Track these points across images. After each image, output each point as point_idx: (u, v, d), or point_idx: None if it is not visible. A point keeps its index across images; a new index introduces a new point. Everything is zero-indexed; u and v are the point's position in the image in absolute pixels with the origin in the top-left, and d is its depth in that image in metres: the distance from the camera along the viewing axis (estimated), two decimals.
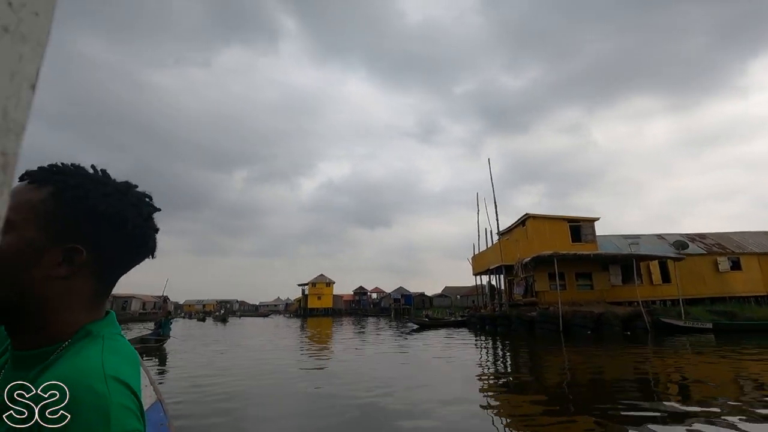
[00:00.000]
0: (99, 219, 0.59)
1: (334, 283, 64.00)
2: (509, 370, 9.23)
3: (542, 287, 19.42)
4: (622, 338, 14.48)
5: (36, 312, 0.55)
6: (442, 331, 20.34)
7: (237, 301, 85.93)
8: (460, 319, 26.90)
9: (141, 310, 57.88)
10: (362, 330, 23.82)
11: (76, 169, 0.61)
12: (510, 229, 24.79)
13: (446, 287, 74.06)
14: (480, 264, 26.59)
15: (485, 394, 6.69)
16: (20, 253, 0.53)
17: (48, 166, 0.60)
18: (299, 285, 64.67)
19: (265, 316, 65.71)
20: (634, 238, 22.02)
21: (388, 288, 71.80)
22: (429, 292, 69.69)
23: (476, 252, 27.72)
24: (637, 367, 8.84)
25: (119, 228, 0.61)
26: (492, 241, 24.96)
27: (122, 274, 0.65)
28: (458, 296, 68.96)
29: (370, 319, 42.89)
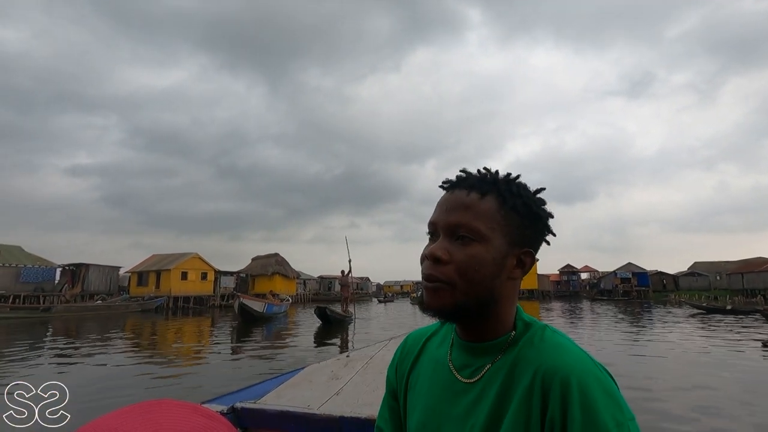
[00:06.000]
0: (538, 223, 0.65)
1: (538, 260, 53.61)
2: None
3: None
4: None
5: (496, 309, 0.62)
6: None
7: None
8: None
9: None
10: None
11: (497, 175, 0.66)
12: None
13: (696, 263, 54.45)
14: None
15: None
16: (494, 261, 0.60)
17: (475, 173, 0.66)
18: None
19: None
20: None
21: (599, 267, 58.44)
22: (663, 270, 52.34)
23: None
24: None
25: (547, 230, 0.67)
26: None
27: None
28: (718, 275, 49.45)
29: (594, 305, 31.90)
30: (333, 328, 14.51)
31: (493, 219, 0.61)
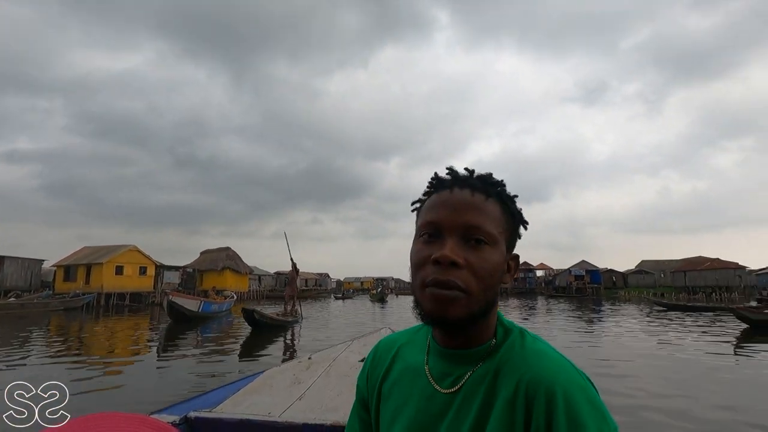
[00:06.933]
0: (519, 228, 0.65)
1: None
2: None
3: None
4: None
5: (488, 315, 0.60)
6: None
7: (392, 279, 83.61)
8: None
9: (303, 287, 59.74)
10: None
11: (493, 177, 0.64)
12: None
13: (643, 261, 57.05)
14: None
15: None
16: (502, 265, 0.60)
17: (481, 175, 0.63)
18: None
19: None
20: None
21: (554, 265, 60.05)
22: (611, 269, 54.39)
23: None
24: None
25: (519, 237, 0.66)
26: None
27: None
28: (662, 273, 51.97)
29: (552, 302, 31.96)
30: (268, 334, 11.94)
31: (499, 222, 0.60)
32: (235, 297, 22.32)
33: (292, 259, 13.97)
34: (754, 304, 21.62)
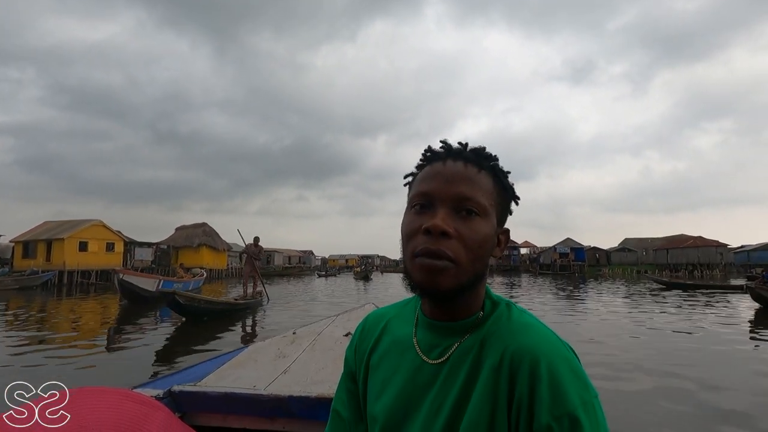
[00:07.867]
0: (510, 203, 0.65)
1: None
2: None
3: None
4: None
5: (477, 287, 0.60)
6: None
7: (378, 256, 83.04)
8: None
9: (286, 264, 58.65)
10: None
11: (486, 150, 0.65)
12: None
13: (626, 239, 57.32)
14: None
15: None
16: (492, 238, 0.60)
17: (474, 148, 0.63)
18: None
19: None
20: None
21: (537, 243, 60.59)
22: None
23: None
24: None
25: (510, 213, 0.66)
26: None
27: None
28: (644, 251, 52.31)
29: (539, 279, 31.36)
30: (210, 324, 8.97)
31: (491, 195, 0.60)
32: (205, 275, 20.70)
33: (244, 240, 12.24)
34: (742, 281, 21.19)
